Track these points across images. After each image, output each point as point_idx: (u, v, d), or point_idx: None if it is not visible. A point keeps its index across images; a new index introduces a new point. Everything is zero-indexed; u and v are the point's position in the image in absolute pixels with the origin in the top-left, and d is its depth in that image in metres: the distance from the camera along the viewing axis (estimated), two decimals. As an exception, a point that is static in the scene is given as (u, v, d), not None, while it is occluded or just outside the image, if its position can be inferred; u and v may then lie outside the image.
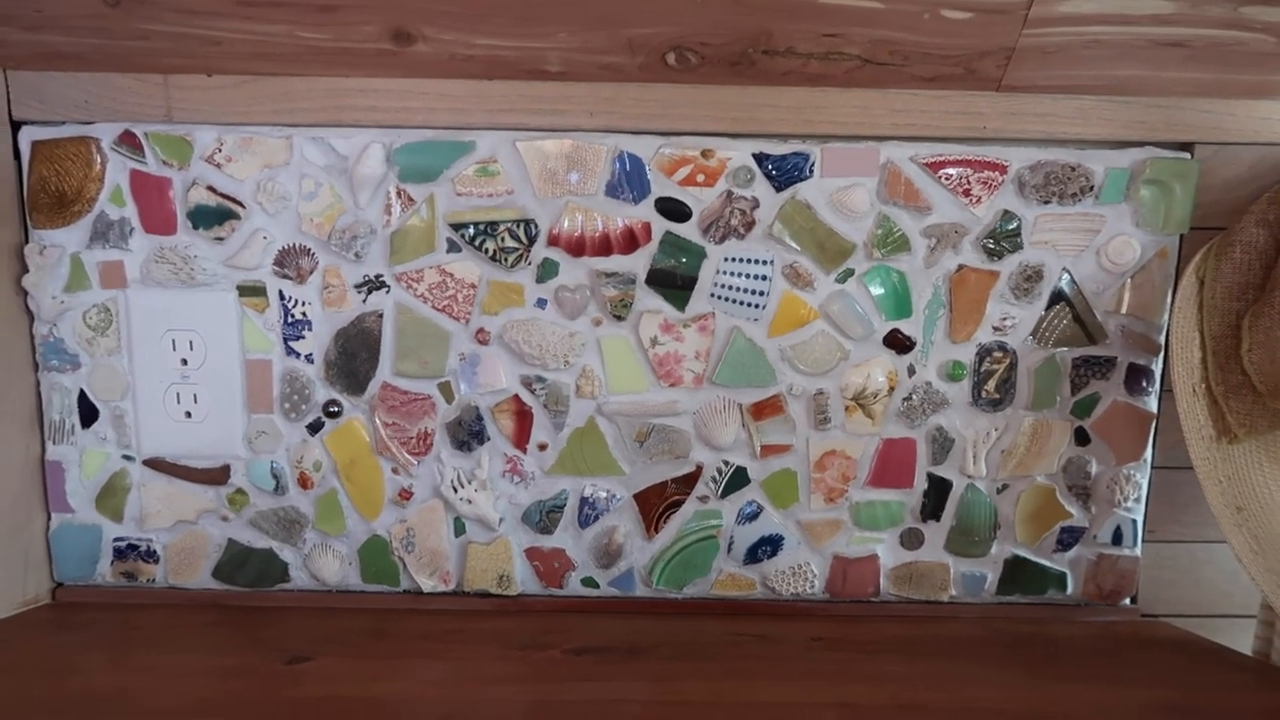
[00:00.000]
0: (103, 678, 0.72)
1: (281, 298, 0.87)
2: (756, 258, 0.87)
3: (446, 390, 0.89)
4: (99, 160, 0.85)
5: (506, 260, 0.86)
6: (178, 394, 0.88)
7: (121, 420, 0.89)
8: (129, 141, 0.85)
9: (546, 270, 0.87)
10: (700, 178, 0.86)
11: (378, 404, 0.89)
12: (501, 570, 0.91)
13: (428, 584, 0.91)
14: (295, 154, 0.85)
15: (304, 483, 0.90)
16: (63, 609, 0.89)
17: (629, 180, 0.85)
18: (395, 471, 0.90)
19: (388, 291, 0.87)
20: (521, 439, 0.89)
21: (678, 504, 0.90)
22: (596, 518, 0.91)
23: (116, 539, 0.91)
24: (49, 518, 0.90)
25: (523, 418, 0.89)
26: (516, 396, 0.89)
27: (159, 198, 0.86)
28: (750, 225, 0.86)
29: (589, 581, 0.92)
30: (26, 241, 0.86)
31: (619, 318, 0.87)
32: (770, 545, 0.92)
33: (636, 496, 0.90)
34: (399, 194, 0.86)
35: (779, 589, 0.92)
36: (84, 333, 0.88)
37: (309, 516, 0.90)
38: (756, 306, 0.87)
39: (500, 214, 0.86)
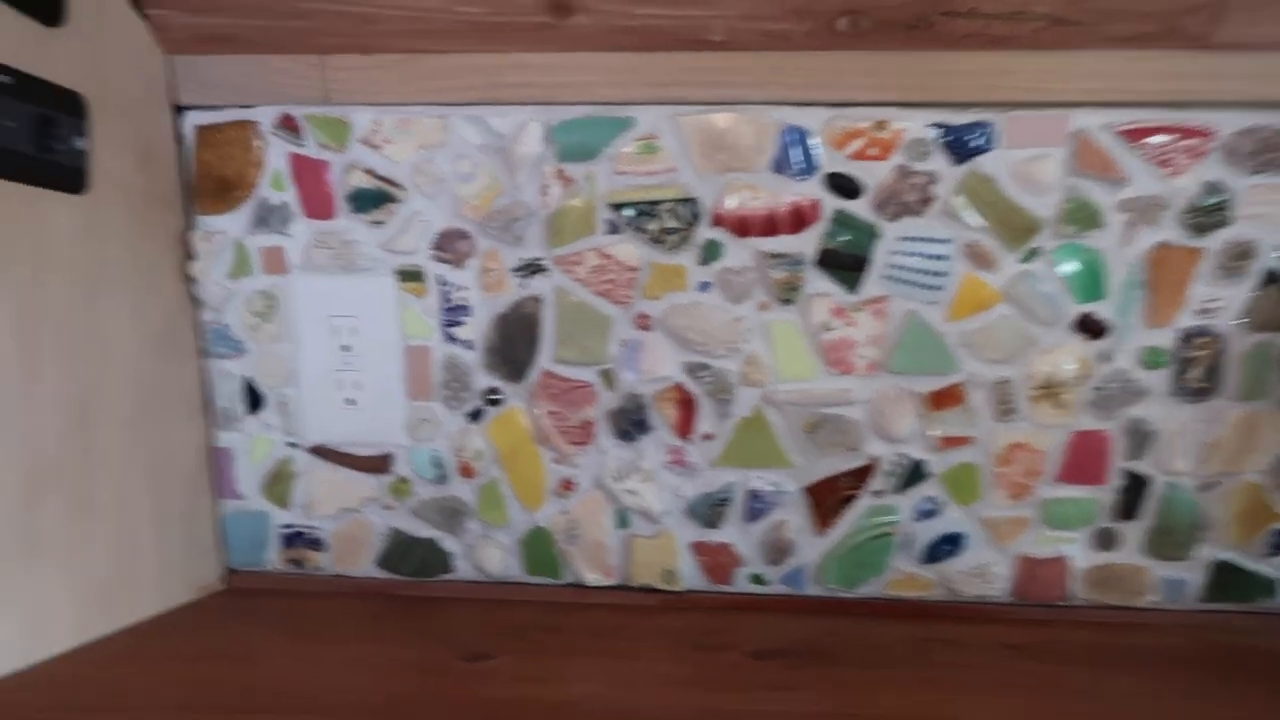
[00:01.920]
0: (284, 670, 0.69)
1: (440, 282, 0.83)
2: (934, 236, 0.78)
3: (608, 377, 0.83)
4: (259, 144, 0.82)
5: (668, 241, 0.80)
6: (340, 381, 0.85)
7: (286, 407, 0.86)
8: (288, 125, 0.82)
9: (710, 252, 0.80)
10: (873, 151, 0.77)
11: (538, 391, 0.84)
12: (667, 565, 0.86)
13: (591, 577, 0.86)
14: (452, 134, 0.80)
15: (466, 472, 0.86)
16: (236, 595, 0.88)
17: (796, 155, 0.77)
18: (557, 461, 0.85)
19: (547, 275, 0.81)
20: (685, 429, 0.83)
21: (850, 498, 0.83)
22: (765, 511, 0.84)
23: (284, 526, 0.89)
24: (221, 504, 0.90)
25: (686, 407, 0.83)
26: (680, 384, 0.82)
27: (318, 181, 0.82)
28: (927, 201, 0.77)
29: (757, 578, 0.85)
30: (192, 228, 0.85)
31: (787, 301, 0.80)
32: (951, 544, 0.83)
33: (807, 490, 0.83)
34: (557, 174, 0.80)
35: (961, 590, 0.84)
36: (248, 320, 0.85)
37: (471, 506, 0.86)
38: (934, 288, 0.78)
39: (662, 193, 0.79)
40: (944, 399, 0.80)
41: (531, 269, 0.81)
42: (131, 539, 0.77)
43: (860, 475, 0.82)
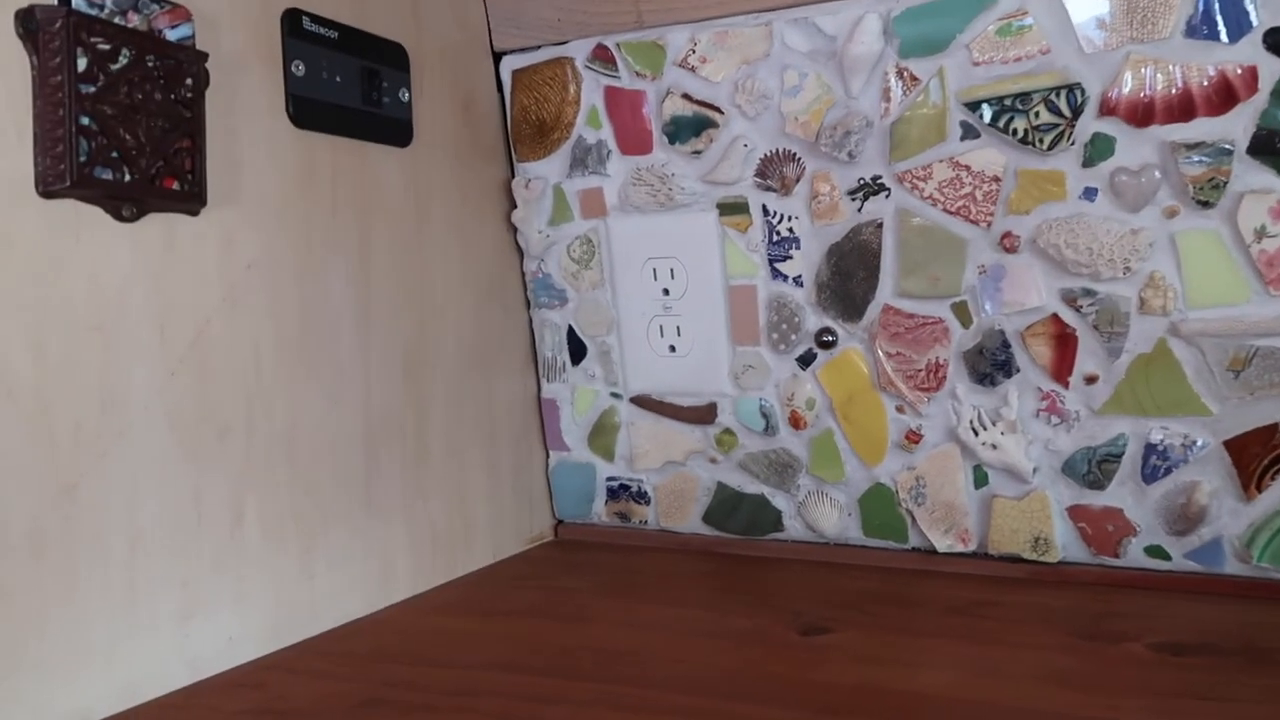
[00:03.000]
0: (611, 632, 0.64)
1: (765, 213, 0.73)
2: None
3: (963, 311, 0.69)
4: (574, 81, 0.77)
5: (1042, 142, 0.64)
6: (660, 327, 0.79)
7: (608, 356, 0.82)
8: (601, 56, 0.76)
9: (1098, 149, 0.63)
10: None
11: (878, 331, 0.72)
12: (1037, 531, 0.71)
13: (943, 543, 0.73)
14: (775, 43, 0.69)
15: (796, 423, 0.76)
16: (565, 547, 0.85)
17: (1219, 10, 0.59)
18: (900, 410, 0.72)
19: (888, 195, 0.69)
20: (1062, 370, 0.67)
21: (1293, 455, 0.64)
22: (1169, 470, 0.66)
23: (609, 479, 0.84)
24: (548, 455, 0.87)
25: (1064, 343, 0.67)
26: (1055, 316, 0.67)
27: (634, 113, 0.75)
28: None
29: (1156, 551, 0.68)
30: (513, 176, 0.83)
31: (1205, 204, 0.62)
32: None
33: (1229, 444, 0.64)
34: (899, 74, 0.67)
35: None
36: (569, 266, 0.81)
37: (802, 460, 0.76)
38: None
39: (1033, 82, 0.64)
40: None
41: (869, 190, 0.70)
42: (465, 491, 0.76)
43: (1309, 426, 0.63)
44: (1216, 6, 0.58)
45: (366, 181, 0.67)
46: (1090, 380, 0.67)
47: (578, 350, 0.82)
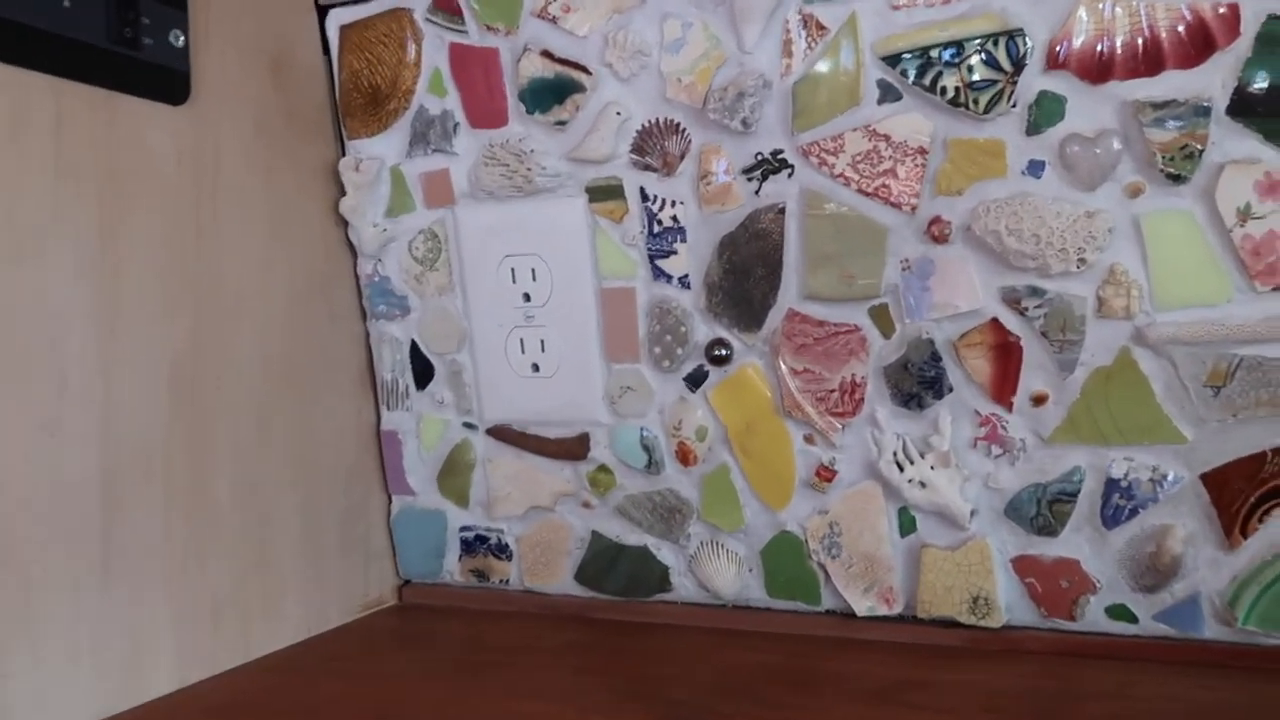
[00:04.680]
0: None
1: (644, 198, 0.58)
2: None
3: (883, 317, 0.54)
4: (413, 39, 0.61)
5: (977, 103, 0.50)
6: (521, 341, 0.63)
7: (459, 377, 0.65)
8: (445, 6, 0.60)
9: (1044, 112, 0.49)
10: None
11: (782, 343, 0.56)
12: (976, 589, 0.56)
13: (863, 605, 0.58)
14: (653, -14, 0.57)
15: (684, 457, 0.60)
16: (408, 614, 0.67)
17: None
18: (810, 440, 0.57)
19: (791, 174, 0.54)
20: (1005, 388, 0.53)
21: (1284, 491, 0.52)
22: (1134, 512, 0.52)
23: (464, 528, 0.67)
24: (389, 500, 0.69)
25: (1006, 355, 0.52)
26: (995, 321, 0.52)
27: (485, 76, 0.59)
28: None
29: (1120, 612, 0.53)
30: (343, 155, 0.64)
31: (1176, 178, 0.48)
32: None
33: (1207, 479, 0.50)
34: (803, 21, 0.52)
35: None
36: (411, 267, 0.65)
37: (693, 504, 0.60)
38: None
39: (966, 27, 0.49)
40: None
41: (769, 167, 0.55)
42: (266, 548, 0.58)
43: (1305, 455, 0.50)
44: (1188, -70, 0.46)
45: (113, 143, 0.50)
46: (1038, 401, 0.53)
47: (423, 371, 0.65)
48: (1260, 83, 0.46)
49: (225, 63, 0.56)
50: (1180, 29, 0.46)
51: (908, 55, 0.50)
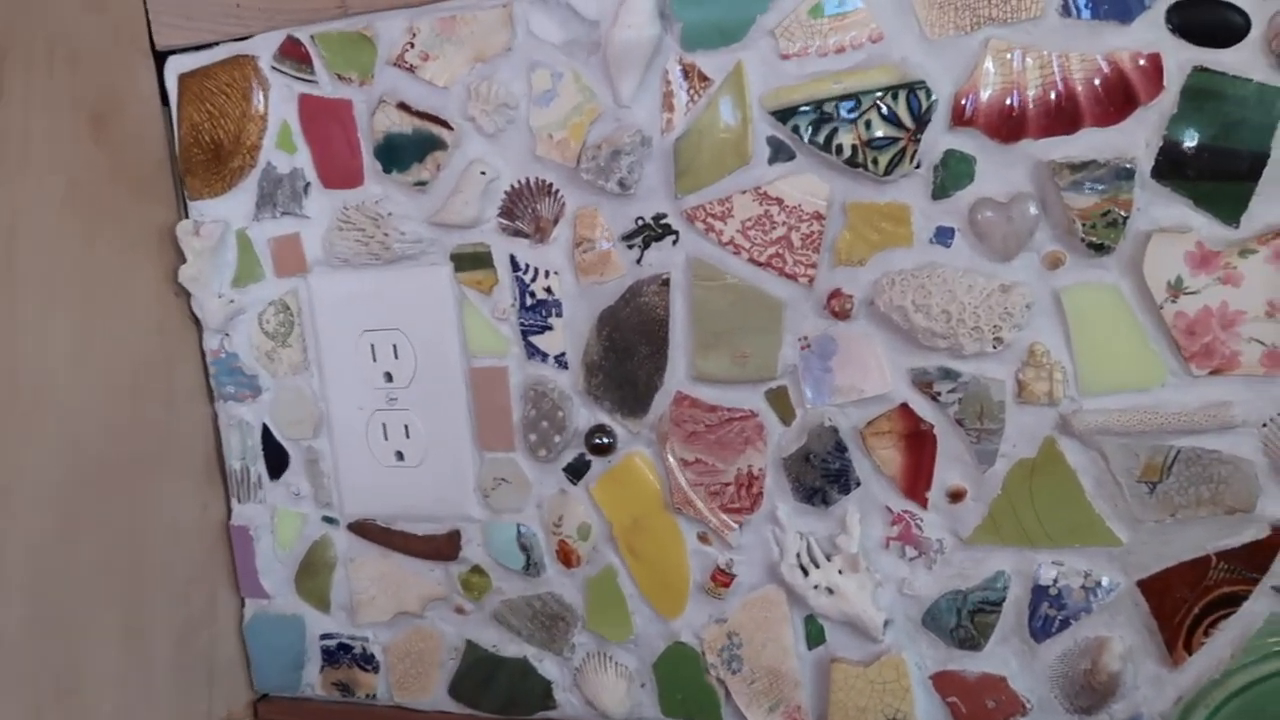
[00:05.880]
0: None
1: (515, 267, 0.50)
2: None
3: (781, 401, 0.47)
4: (260, 89, 0.53)
5: (876, 163, 0.43)
6: (384, 426, 0.53)
7: (316, 466, 0.56)
8: (293, 54, 0.52)
9: (952, 173, 0.42)
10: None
11: (670, 430, 0.48)
12: (892, 710, 0.48)
13: (767, 728, 0.52)
14: (518, 31, 0.47)
15: (566, 558, 0.52)
16: (259, 736, 0.60)
17: (1105, -16, 0.41)
18: (704, 540, 0.49)
19: (676, 241, 0.46)
20: (918, 483, 0.45)
21: (1233, 599, 0.43)
22: (1066, 622, 0.44)
23: (325, 636, 0.57)
24: (242, 605, 0.60)
25: (919, 445, 0.45)
26: (905, 407, 0.45)
27: (338, 131, 0.51)
28: None
29: (1055, 736, 0.48)
30: (186, 217, 0.56)
31: (1099, 248, 0.41)
32: None
33: (1145, 586, 0.43)
34: (685, 72, 0.45)
35: None
36: (261, 343, 0.56)
37: (577, 610, 0.52)
38: None
39: (862, 79, 0.43)
40: None
41: (651, 233, 0.47)
42: (79, 668, 0.48)
43: (1253, 558, 0.42)
44: (1102, -27, 0.40)
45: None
46: (955, 497, 0.45)
47: (277, 458, 0.56)
48: (1189, 141, 0.39)
49: (30, 118, 0.47)
50: (1097, 82, 0.40)
51: (800, 110, 0.44)
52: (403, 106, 0.50)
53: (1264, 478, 0.41)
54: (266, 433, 0.56)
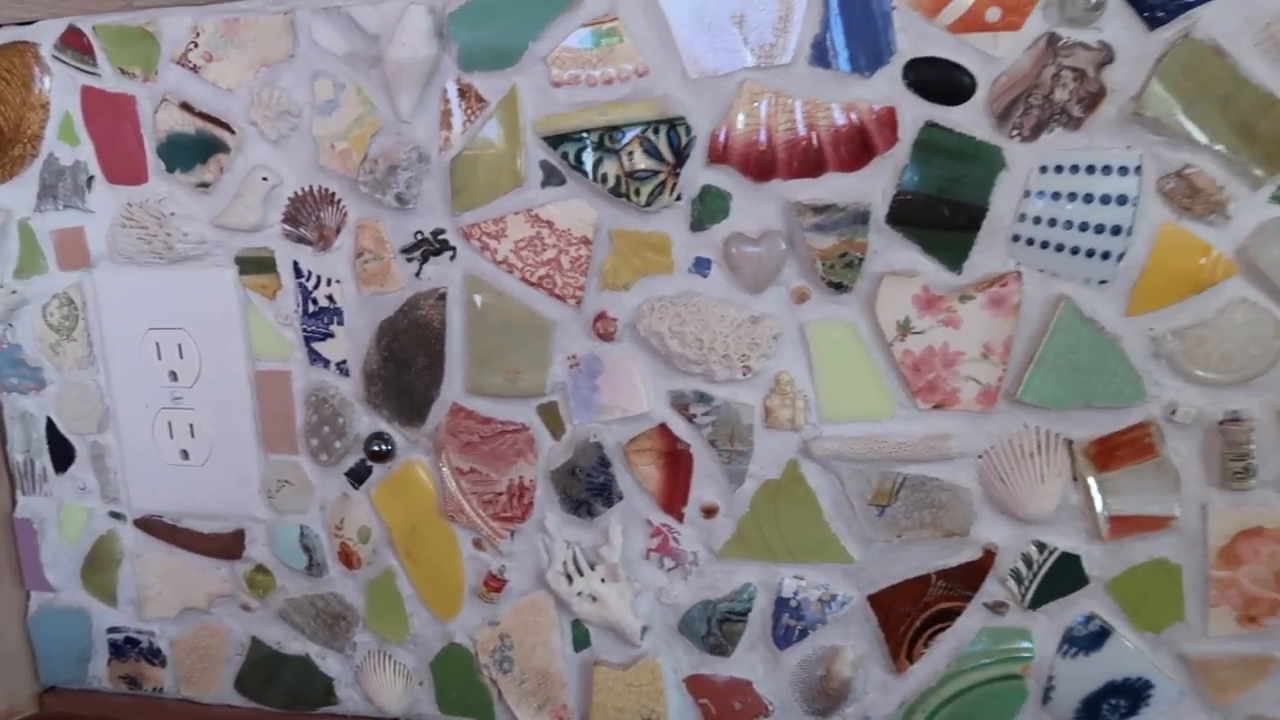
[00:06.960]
0: None
1: (298, 273, 0.49)
2: (1107, 164, 0.39)
3: (552, 416, 0.47)
4: (41, 76, 0.51)
5: (639, 194, 0.44)
6: (170, 424, 0.52)
7: (102, 461, 0.54)
8: (74, 43, 0.49)
9: (709, 208, 0.43)
10: (993, 14, 0.40)
11: (446, 440, 0.48)
12: (647, 711, 0.49)
13: (532, 726, 0.53)
14: (301, 40, 0.46)
15: (348, 559, 0.51)
16: (41, 728, 0.58)
17: (853, 33, 0.40)
18: (479, 546, 0.49)
19: (453, 257, 0.46)
20: (675, 498, 0.47)
21: (949, 614, 0.45)
22: (805, 632, 0.47)
23: (112, 630, 0.56)
24: (27, 597, 0.58)
25: (676, 463, 0.46)
26: (664, 427, 0.46)
27: (121, 126, 0.49)
28: (1094, 100, 0.38)
29: (793, 736, 0.50)
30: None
31: (838, 286, 0.43)
32: (1127, 697, 0.44)
33: (874, 600, 0.45)
34: (462, 92, 0.45)
35: (1147, 777, 0.47)
36: (45, 335, 0.53)
37: (358, 610, 0.52)
38: (1106, 257, 0.39)
39: (625, 112, 0.43)
40: (1119, 450, 0.42)
41: (429, 248, 0.47)
42: None
43: (967, 577, 0.45)
44: (841, 27, 0.41)
45: None
46: (709, 512, 0.47)
47: (63, 452, 0.54)
48: (919, 190, 0.41)
49: None
50: (838, 130, 0.42)
51: (570, 138, 0.44)
52: (185, 107, 0.48)
53: (978, 505, 0.44)
54: (51, 426, 0.54)
